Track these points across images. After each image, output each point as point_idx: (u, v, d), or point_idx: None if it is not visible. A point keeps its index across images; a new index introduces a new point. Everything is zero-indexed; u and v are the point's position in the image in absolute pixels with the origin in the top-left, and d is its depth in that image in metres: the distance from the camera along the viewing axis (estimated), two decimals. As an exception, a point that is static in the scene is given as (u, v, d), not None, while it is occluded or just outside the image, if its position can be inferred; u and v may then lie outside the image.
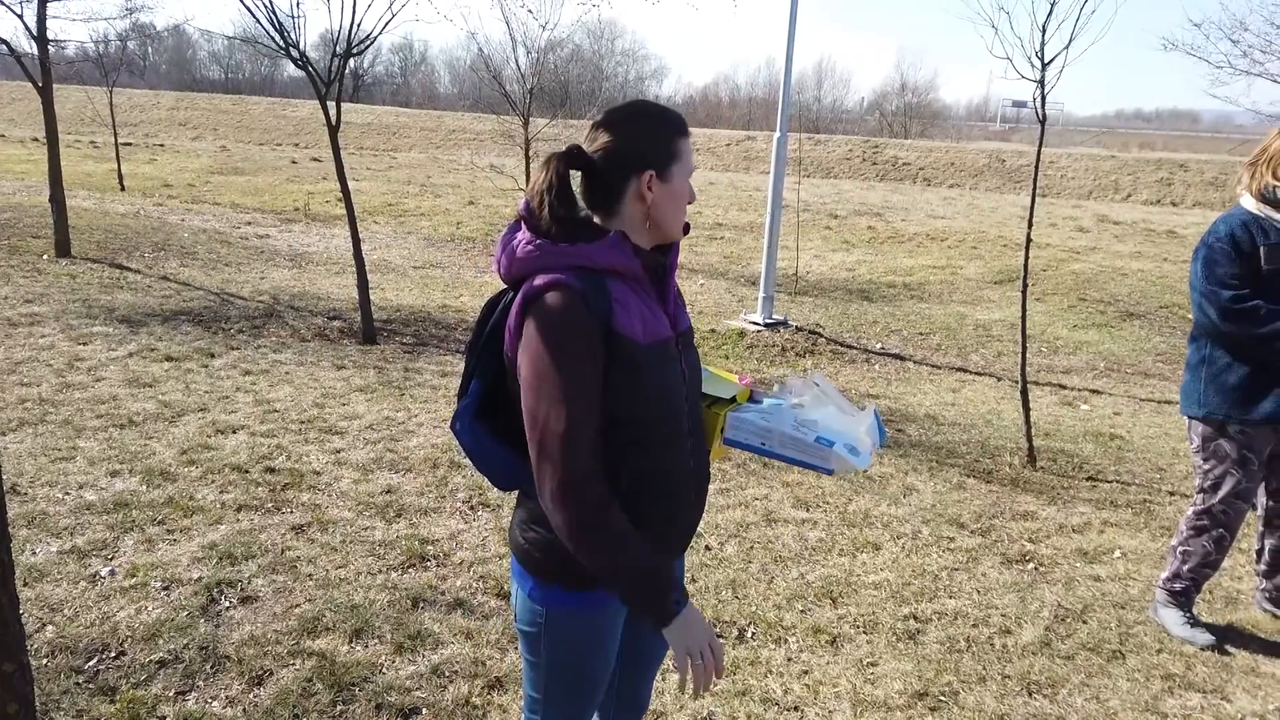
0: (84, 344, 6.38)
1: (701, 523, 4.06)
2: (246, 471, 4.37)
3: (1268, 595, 3.46)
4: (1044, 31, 4.66)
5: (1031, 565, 3.85)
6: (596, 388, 1.53)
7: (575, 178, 1.66)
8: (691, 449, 1.71)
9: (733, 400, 1.80)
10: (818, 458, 1.68)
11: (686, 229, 1.72)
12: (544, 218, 1.58)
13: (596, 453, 1.52)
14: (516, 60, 11.46)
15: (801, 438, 1.69)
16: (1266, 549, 3.40)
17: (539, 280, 1.55)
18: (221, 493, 4.13)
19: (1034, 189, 5.23)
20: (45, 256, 9.47)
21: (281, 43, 6.72)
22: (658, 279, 1.68)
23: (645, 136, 1.62)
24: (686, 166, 1.66)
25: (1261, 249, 3.03)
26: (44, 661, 2.83)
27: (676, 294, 1.75)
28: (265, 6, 6.59)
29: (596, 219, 1.66)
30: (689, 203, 1.69)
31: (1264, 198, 3.07)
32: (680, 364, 1.68)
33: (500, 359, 1.65)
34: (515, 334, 1.58)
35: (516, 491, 1.77)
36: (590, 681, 1.77)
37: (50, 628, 3.01)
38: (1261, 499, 3.33)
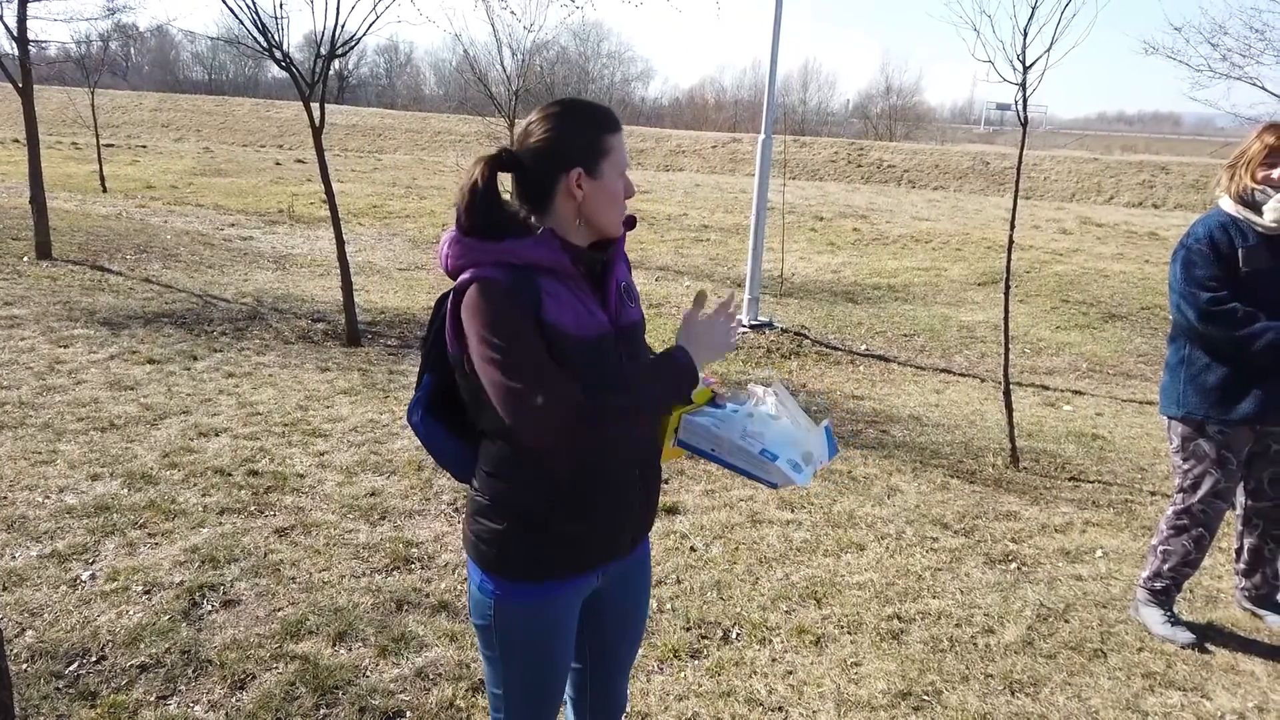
0: (65, 346, 6.33)
1: (686, 523, 4.07)
2: (229, 474, 4.35)
3: (1247, 594, 3.50)
4: (1025, 35, 4.70)
5: (1014, 565, 3.87)
6: (542, 349, 1.53)
7: (507, 178, 1.66)
8: (635, 444, 1.70)
9: (690, 401, 1.80)
10: (761, 470, 1.68)
11: (632, 223, 1.71)
12: (466, 218, 1.59)
13: (566, 379, 1.53)
14: (502, 62, 11.46)
15: (747, 448, 1.68)
16: (1245, 548, 3.44)
17: (465, 276, 1.58)
18: (204, 496, 4.10)
19: (1016, 191, 5.26)
20: (25, 258, 9.39)
21: (265, 44, 6.70)
22: (596, 276, 1.68)
23: (572, 134, 1.61)
24: (618, 163, 1.64)
25: (1240, 251, 3.06)
26: (23, 666, 2.80)
27: (626, 289, 1.74)
28: (248, 7, 6.57)
29: (531, 216, 1.66)
30: (627, 197, 1.67)
31: (1242, 200, 3.10)
32: (621, 359, 1.67)
33: (447, 355, 1.67)
34: (453, 332, 1.61)
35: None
36: (548, 674, 1.75)
37: (30, 632, 2.98)
38: (1240, 498, 3.37)
